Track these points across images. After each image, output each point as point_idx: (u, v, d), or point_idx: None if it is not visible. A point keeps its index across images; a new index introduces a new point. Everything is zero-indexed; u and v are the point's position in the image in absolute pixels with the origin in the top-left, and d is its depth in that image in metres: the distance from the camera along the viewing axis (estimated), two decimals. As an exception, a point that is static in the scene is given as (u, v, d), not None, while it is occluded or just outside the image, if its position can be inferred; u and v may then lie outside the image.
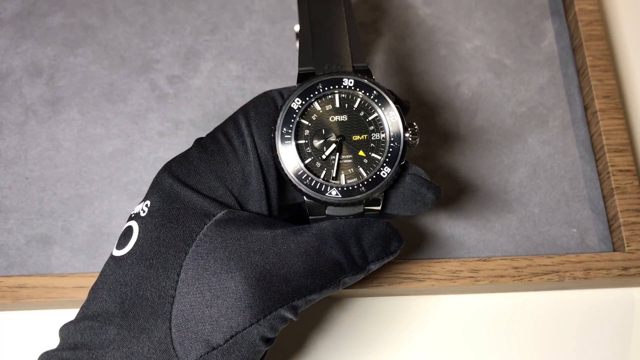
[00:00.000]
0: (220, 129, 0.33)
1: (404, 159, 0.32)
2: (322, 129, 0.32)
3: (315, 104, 0.32)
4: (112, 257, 0.31)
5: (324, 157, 0.32)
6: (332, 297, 0.39)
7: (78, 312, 0.30)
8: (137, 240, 0.30)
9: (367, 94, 0.32)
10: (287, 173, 0.31)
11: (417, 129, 0.32)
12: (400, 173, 0.32)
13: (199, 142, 0.33)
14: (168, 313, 0.29)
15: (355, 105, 0.32)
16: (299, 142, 0.32)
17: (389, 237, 0.32)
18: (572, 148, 0.43)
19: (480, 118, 0.44)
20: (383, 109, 0.32)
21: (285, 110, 0.32)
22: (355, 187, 0.31)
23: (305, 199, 0.31)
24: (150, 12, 0.46)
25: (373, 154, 0.32)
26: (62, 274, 0.37)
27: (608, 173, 0.41)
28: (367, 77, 0.33)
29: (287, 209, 0.34)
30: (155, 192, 0.32)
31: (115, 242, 0.39)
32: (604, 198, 0.42)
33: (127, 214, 0.40)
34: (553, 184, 0.42)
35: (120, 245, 0.31)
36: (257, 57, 0.45)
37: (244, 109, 0.33)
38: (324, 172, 0.31)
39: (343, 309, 0.39)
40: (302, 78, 0.33)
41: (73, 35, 0.45)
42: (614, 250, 0.40)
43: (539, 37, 0.47)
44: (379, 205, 0.32)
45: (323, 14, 0.35)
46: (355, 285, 0.36)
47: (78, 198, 0.41)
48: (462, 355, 0.38)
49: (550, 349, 0.39)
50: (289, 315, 0.30)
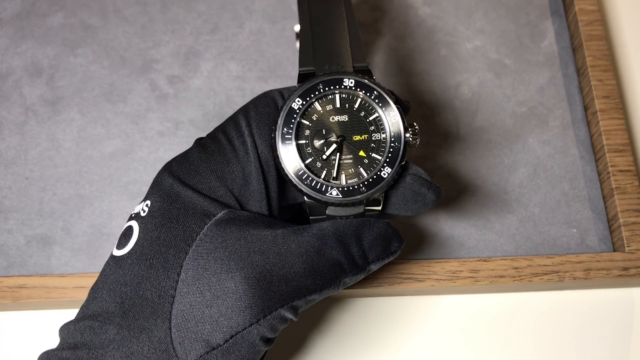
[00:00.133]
0: (221, 129, 0.33)
1: (405, 159, 0.32)
2: (322, 129, 0.32)
3: (316, 104, 0.32)
4: (112, 257, 0.31)
5: (325, 157, 0.32)
6: (332, 297, 0.39)
7: (78, 311, 0.30)
8: (137, 240, 0.30)
9: (367, 94, 0.32)
10: (287, 173, 0.31)
11: (417, 129, 0.32)
12: (401, 173, 0.32)
13: (200, 142, 0.33)
14: (168, 313, 0.29)
15: (356, 106, 0.32)
16: (300, 142, 0.32)
17: (390, 237, 0.32)
18: (572, 148, 0.43)
19: (480, 118, 0.44)
20: (383, 109, 0.32)
21: (286, 111, 0.32)
22: (356, 187, 0.31)
23: (306, 199, 0.31)
24: (150, 12, 0.46)
25: (373, 154, 0.32)
26: (62, 274, 0.37)
27: (608, 173, 0.41)
28: (367, 77, 0.33)
29: (287, 209, 0.34)
30: (156, 192, 0.32)
31: (116, 242, 0.39)
32: (604, 198, 0.42)
33: (127, 214, 0.40)
34: (553, 184, 0.42)
35: (121, 245, 0.31)
36: (257, 57, 0.45)
37: (245, 109, 0.33)
38: (325, 172, 0.31)
39: (343, 309, 0.39)
40: (302, 78, 0.33)
41: (73, 35, 0.45)
42: (614, 251, 0.40)
43: (539, 37, 0.47)
44: (380, 206, 0.32)
45: (323, 14, 0.35)
46: (356, 286, 0.36)
47: (78, 198, 0.41)
48: (462, 355, 0.38)
49: (550, 349, 0.39)
50: (289, 316, 0.30)
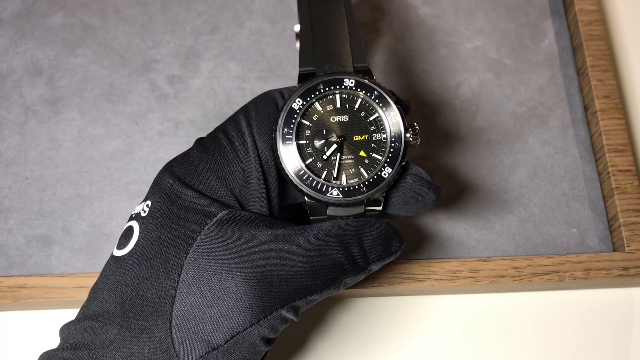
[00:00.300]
0: (221, 129, 0.33)
1: (405, 159, 0.32)
2: (323, 129, 0.32)
3: (316, 104, 0.32)
4: (112, 257, 0.31)
5: (325, 157, 0.32)
6: (332, 297, 0.39)
7: (78, 312, 0.30)
8: (137, 241, 0.30)
9: (368, 94, 0.32)
10: (288, 173, 0.31)
11: (418, 130, 0.32)
12: (401, 173, 0.32)
13: (200, 142, 0.33)
14: (168, 313, 0.29)
15: (356, 106, 0.32)
16: (300, 142, 0.32)
17: (390, 237, 0.32)
18: (572, 148, 0.43)
19: (480, 118, 0.44)
20: (384, 109, 0.32)
21: (286, 111, 0.32)
22: (357, 187, 0.31)
23: (306, 199, 0.31)
24: (150, 12, 0.46)
25: (374, 154, 0.32)
26: (62, 274, 0.37)
27: (608, 173, 0.41)
28: (367, 77, 0.33)
29: (287, 209, 0.34)
30: (156, 192, 0.32)
31: (116, 242, 0.39)
32: (604, 198, 0.42)
33: (127, 214, 0.40)
34: (553, 184, 0.42)
35: (121, 245, 0.31)
36: (257, 57, 0.45)
37: (245, 109, 0.33)
38: (325, 172, 0.31)
39: (343, 309, 0.39)
40: (302, 78, 0.33)
41: (73, 35, 0.45)
42: (614, 251, 0.40)
43: (539, 37, 0.47)
44: (380, 206, 0.32)
45: (323, 14, 0.35)
46: (356, 286, 0.36)
47: (78, 198, 0.41)
48: (462, 355, 0.38)
49: (550, 349, 0.39)
50: (290, 316, 0.29)
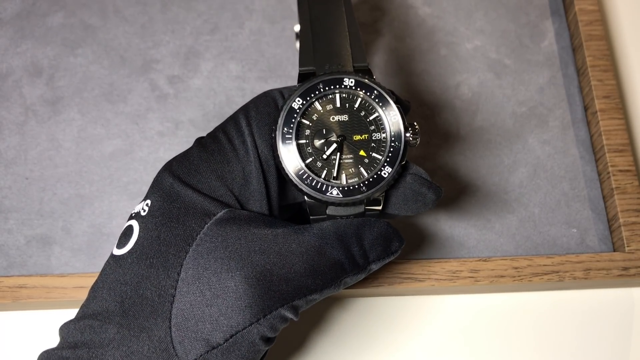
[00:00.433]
0: (221, 129, 0.33)
1: (405, 159, 0.32)
2: (322, 129, 0.32)
3: (316, 104, 0.32)
4: (112, 256, 0.31)
5: (325, 156, 0.32)
6: (332, 297, 0.39)
7: (78, 311, 0.30)
8: (137, 240, 0.30)
9: (367, 94, 0.32)
10: (288, 173, 0.31)
11: (417, 129, 0.32)
12: (401, 173, 0.32)
13: (200, 141, 0.33)
14: (168, 312, 0.29)
15: (356, 105, 0.32)
16: (300, 141, 0.32)
17: (390, 237, 0.32)
18: (572, 148, 0.43)
19: (480, 118, 0.44)
20: (384, 109, 0.32)
21: (286, 110, 0.32)
22: (356, 186, 0.31)
23: (306, 199, 0.31)
24: (150, 12, 0.46)
25: (374, 154, 0.32)
26: (62, 274, 0.37)
27: (608, 173, 0.41)
28: (367, 77, 0.33)
29: (287, 209, 0.34)
30: (156, 191, 0.32)
31: (116, 241, 0.39)
32: (604, 198, 0.42)
33: (127, 214, 0.40)
34: (553, 184, 0.42)
35: (121, 245, 0.31)
36: (257, 57, 0.45)
37: (245, 109, 0.33)
38: (325, 171, 0.31)
39: (343, 309, 0.39)
40: (302, 78, 0.33)
41: (73, 35, 0.45)
42: (614, 251, 0.40)
43: (539, 37, 0.47)
44: (380, 205, 0.32)
45: (323, 14, 0.35)
46: (356, 285, 0.36)
47: (78, 198, 0.41)
48: (462, 355, 0.38)
49: (550, 349, 0.39)
50: (290, 315, 0.29)
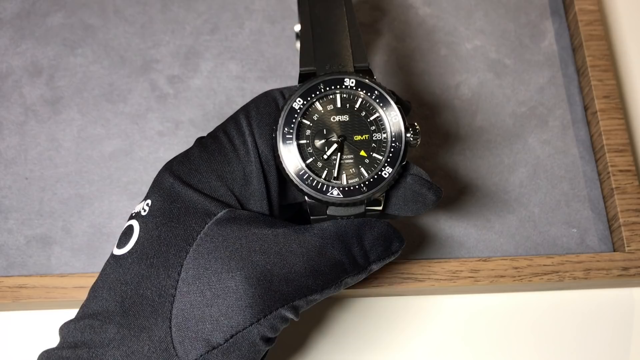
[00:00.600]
0: (222, 128, 0.33)
1: (405, 159, 0.32)
2: (323, 129, 0.32)
3: (317, 104, 0.32)
4: (112, 256, 0.31)
5: (326, 157, 0.31)
6: (332, 296, 0.39)
7: (78, 310, 0.30)
8: (137, 239, 0.30)
9: (368, 94, 0.32)
10: (288, 173, 0.31)
11: (418, 129, 0.32)
12: (402, 173, 0.32)
13: (200, 141, 0.33)
14: (168, 312, 0.29)
15: (357, 106, 0.32)
16: (301, 142, 0.32)
17: (391, 237, 0.32)
18: (572, 148, 0.43)
19: (480, 118, 0.44)
20: (384, 109, 0.32)
21: (287, 110, 0.32)
22: (357, 187, 0.31)
23: (307, 199, 0.31)
24: (150, 12, 0.46)
25: (374, 154, 0.32)
26: (62, 274, 0.37)
27: (608, 173, 0.41)
28: (368, 77, 0.33)
29: (288, 208, 0.34)
30: (156, 191, 0.32)
31: (116, 241, 0.39)
32: (604, 198, 0.42)
33: (127, 214, 0.40)
34: (553, 184, 0.42)
35: (121, 244, 0.31)
36: (257, 57, 0.45)
37: (245, 109, 0.33)
38: (326, 172, 0.31)
39: (343, 309, 0.39)
40: (303, 78, 0.33)
41: (73, 35, 0.45)
42: (614, 251, 0.40)
43: (539, 37, 0.47)
44: (380, 206, 0.32)
45: (324, 14, 0.35)
46: (356, 285, 0.36)
47: (78, 198, 0.41)
48: (462, 355, 0.38)
49: (550, 349, 0.39)
50: (290, 315, 0.29)
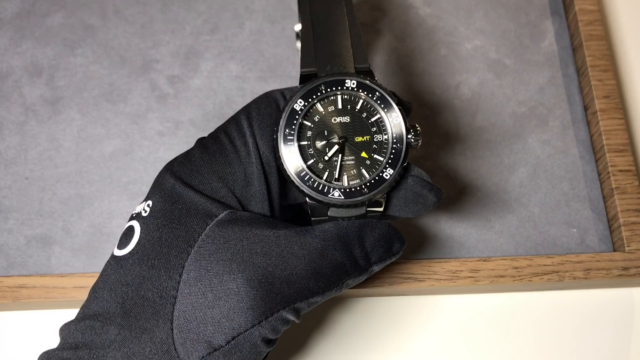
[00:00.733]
0: (222, 129, 0.33)
1: (407, 161, 0.32)
2: (324, 130, 0.32)
3: (318, 105, 0.32)
4: (113, 256, 0.31)
5: (327, 158, 0.31)
6: (333, 297, 0.39)
7: (78, 311, 0.30)
8: (138, 240, 0.30)
9: (369, 96, 0.32)
10: (289, 174, 0.31)
11: (419, 131, 0.32)
12: (403, 175, 0.32)
13: (201, 142, 0.33)
14: (169, 314, 0.29)
15: (358, 107, 0.32)
16: (302, 143, 0.32)
17: (392, 238, 0.32)
18: (572, 148, 0.43)
19: (481, 118, 0.44)
20: (385, 111, 0.32)
21: (288, 112, 0.32)
22: (358, 188, 0.31)
23: (308, 200, 0.31)
24: (150, 12, 0.46)
25: (375, 156, 0.32)
26: (62, 274, 0.37)
27: (608, 173, 0.41)
28: (369, 78, 0.33)
29: (288, 209, 0.34)
30: (157, 192, 0.31)
31: (116, 242, 0.39)
32: (604, 198, 0.42)
33: (127, 214, 0.40)
34: (553, 184, 0.42)
35: (122, 245, 0.31)
36: (257, 57, 0.45)
37: (246, 109, 0.33)
38: (327, 173, 0.31)
39: (344, 309, 0.39)
40: (304, 79, 0.33)
41: (73, 35, 0.45)
42: (614, 251, 0.40)
43: (539, 37, 0.47)
44: (381, 207, 0.32)
45: (324, 14, 0.35)
46: (357, 286, 0.36)
47: (78, 198, 0.41)
48: (462, 355, 0.39)
49: (550, 349, 0.39)
50: (291, 317, 0.29)
